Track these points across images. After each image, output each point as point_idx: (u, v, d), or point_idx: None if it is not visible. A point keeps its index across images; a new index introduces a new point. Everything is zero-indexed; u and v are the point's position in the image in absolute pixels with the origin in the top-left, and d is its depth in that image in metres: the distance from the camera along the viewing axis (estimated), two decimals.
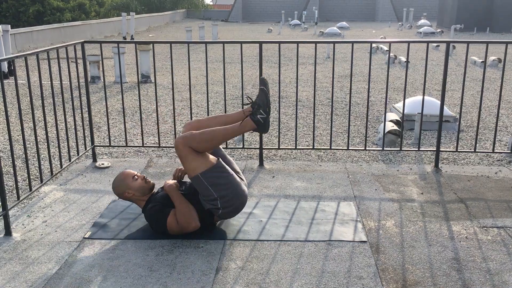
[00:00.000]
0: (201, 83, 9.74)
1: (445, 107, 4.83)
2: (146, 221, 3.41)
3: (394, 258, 3.05)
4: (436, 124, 5.79)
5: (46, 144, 4.21)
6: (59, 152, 4.30)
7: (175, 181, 3.43)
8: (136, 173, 3.42)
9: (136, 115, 6.99)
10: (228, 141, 5.45)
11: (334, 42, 4.74)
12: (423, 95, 4.82)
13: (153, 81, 10.02)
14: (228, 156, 3.56)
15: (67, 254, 3.11)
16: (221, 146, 3.65)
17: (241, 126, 3.28)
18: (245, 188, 3.35)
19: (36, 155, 5.13)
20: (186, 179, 3.62)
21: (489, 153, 5.20)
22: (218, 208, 3.23)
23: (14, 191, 4.08)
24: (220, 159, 3.28)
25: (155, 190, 3.50)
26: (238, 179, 3.30)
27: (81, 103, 4.70)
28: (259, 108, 3.24)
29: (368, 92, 4.82)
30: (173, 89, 4.99)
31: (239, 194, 3.25)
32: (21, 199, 3.67)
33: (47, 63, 4.06)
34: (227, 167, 3.26)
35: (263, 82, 3.34)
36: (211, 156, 3.26)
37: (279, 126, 5.02)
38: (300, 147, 5.21)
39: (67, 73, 7.30)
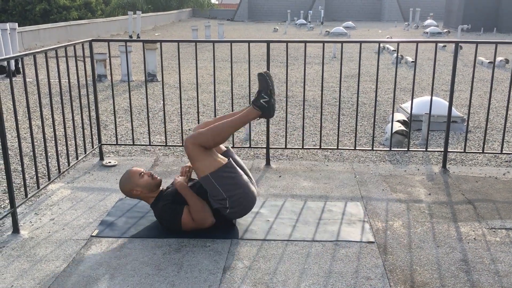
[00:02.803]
0: (207, 82, 9.74)
1: (452, 108, 4.81)
2: (156, 218, 3.41)
3: (402, 259, 3.04)
4: (443, 125, 5.76)
5: (53, 142, 4.22)
6: (67, 150, 4.32)
7: (184, 177, 3.43)
8: (142, 170, 3.42)
9: (142, 113, 7.00)
10: (235, 141, 5.45)
11: (342, 42, 4.72)
12: (431, 95, 4.79)
13: (159, 79, 10.03)
14: (238, 157, 3.55)
15: (74, 252, 3.11)
16: (230, 147, 3.64)
17: (245, 114, 3.26)
18: (254, 188, 3.34)
19: (43, 153, 5.14)
20: (194, 175, 3.61)
21: (497, 154, 5.18)
22: (226, 207, 3.22)
23: (22, 189, 4.09)
24: (230, 159, 3.27)
25: (163, 187, 3.50)
26: (247, 179, 3.29)
27: (88, 102, 4.71)
28: (261, 93, 3.20)
29: (376, 92, 4.80)
30: (180, 87, 4.99)
31: (248, 194, 3.24)
32: (29, 196, 3.69)
33: (54, 61, 4.07)
34: (236, 167, 3.26)
35: (261, 74, 3.28)
36: (220, 156, 3.25)
37: (286, 126, 5.00)
38: (307, 147, 5.20)
39: (74, 71, 7.32)
